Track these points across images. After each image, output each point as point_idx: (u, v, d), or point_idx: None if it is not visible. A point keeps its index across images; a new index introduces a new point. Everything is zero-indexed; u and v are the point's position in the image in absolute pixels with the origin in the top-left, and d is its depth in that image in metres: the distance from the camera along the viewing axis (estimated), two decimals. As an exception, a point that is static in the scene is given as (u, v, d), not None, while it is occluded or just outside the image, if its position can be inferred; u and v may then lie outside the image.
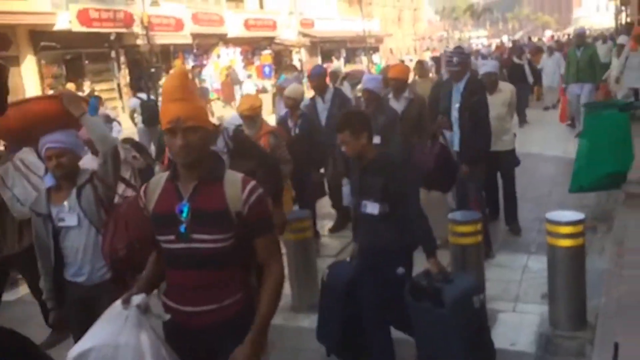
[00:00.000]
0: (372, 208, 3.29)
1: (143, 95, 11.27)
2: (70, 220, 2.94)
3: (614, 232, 5.20)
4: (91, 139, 3.05)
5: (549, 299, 3.94)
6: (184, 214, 2.10)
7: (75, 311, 3.03)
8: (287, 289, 4.77)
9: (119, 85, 21.34)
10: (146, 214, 2.23)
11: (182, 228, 2.09)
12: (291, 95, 5.65)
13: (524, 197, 6.07)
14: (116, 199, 3.15)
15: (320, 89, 6.14)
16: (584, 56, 9.72)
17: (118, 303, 2.12)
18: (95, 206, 2.97)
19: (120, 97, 21.26)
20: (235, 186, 2.11)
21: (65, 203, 2.96)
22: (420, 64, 9.01)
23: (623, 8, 33.18)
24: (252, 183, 2.14)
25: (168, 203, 2.15)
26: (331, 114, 5.89)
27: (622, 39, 11.07)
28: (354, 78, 9.60)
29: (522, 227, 5.82)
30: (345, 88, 8.58)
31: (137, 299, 2.11)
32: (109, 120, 10.11)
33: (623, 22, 31.92)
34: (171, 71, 24.94)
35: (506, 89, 5.91)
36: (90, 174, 3.03)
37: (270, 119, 5.57)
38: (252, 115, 4.87)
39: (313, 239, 4.83)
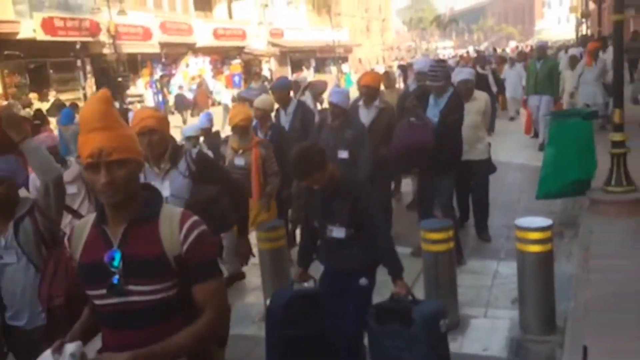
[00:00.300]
0: (338, 232, 3.24)
1: None
2: (8, 257, 2.68)
3: (580, 237, 5.34)
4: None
5: (519, 304, 4.01)
6: (115, 263, 1.78)
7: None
8: (260, 298, 4.75)
9: (85, 94, 20.97)
10: (74, 265, 1.92)
11: (114, 280, 1.78)
12: (260, 106, 5.54)
13: (492, 204, 6.16)
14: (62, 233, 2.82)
15: (283, 101, 6.09)
16: (543, 69, 9.72)
17: (48, 353, 1.78)
18: (34, 242, 2.69)
19: (87, 106, 20.83)
20: (172, 224, 1.81)
21: (2, 238, 2.68)
22: (387, 74, 8.92)
23: (583, 20, 34.30)
24: (192, 220, 1.84)
25: (95, 251, 1.83)
26: (293, 126, 5.85)
27: (574, 51, 11.35)
28: (316, 88, 9.51)
29: (491, 234, 5.91)
30: (307, 98, 8.47)
31: (70, 347, 1.78)
32: None
33: (583, 33, 32.98)
34: (95, 94, 24.95)
35: (481, 97, 5.85)
36: (31, 205, 2.73)
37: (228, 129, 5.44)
38: (246, 126, 4.86)
39: (286, 248, 4.81)
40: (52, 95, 17.77)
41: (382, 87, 8.63)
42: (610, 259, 4.58)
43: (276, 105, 6.35)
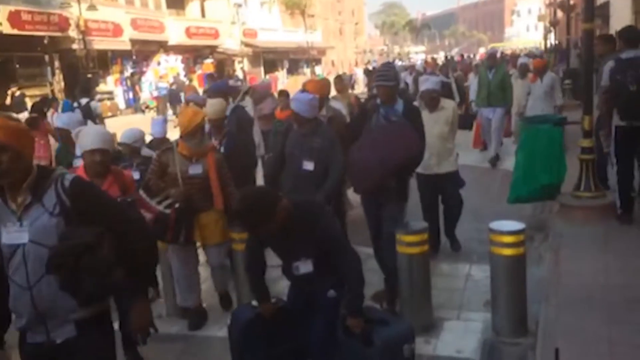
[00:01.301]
0: (305, 267, 3.10)
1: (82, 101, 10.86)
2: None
3: (550, 241, 5.43)
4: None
5: (492, 307, 4.05)
6: None
7: None
8: (234, 298, 4.70)
9: (52, 90, 20.50)
10: None
11: None
12: (213, 117, 5.16)
13: (463, 208, 6.22)
14: None
15: None
16: (495, 79, 9.29)
17: None
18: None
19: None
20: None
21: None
22: (339, 78, 8.57)
23: (552, 29, 35.13)
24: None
25: None
26: (229, 132, 5.39)
27: (524, 60, 10.97)
28: (257, 93, 9.00)
29: (463, 237, 5.96)
30: (248, 104, 7.83)
31: None
32: (85, 118, 9.78)
33: (552, 42, 33.77)
34: (108, 77, 24.13)
35: (449, 106, 5.53)
36: None
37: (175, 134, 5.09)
38: (202, 130, 4.49)
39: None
40: (11, 91, 17.26)
41: (333, 92, 8.33)
42: (580, 262, 4.67)
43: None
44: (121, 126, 8.57)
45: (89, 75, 20.08)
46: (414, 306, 4.08)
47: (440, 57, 42.63)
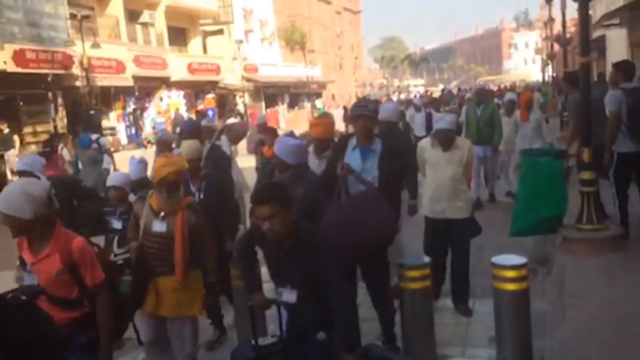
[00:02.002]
0: (289, 296, 2.98)
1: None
2: None
3: (553, 275, 5.39)
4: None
5: (497, 343, 3.99)
6: None
7: None
8: (233, 338, 4.63)
9: (55, 127, 20.66)
10: None
11: None
12: (191, 157, 4.70)
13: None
14: None
15: None
16: (484, 115, 8.76)
17: None
18: None
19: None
20: None
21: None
22: (347, 110, 8.75)
23: (549, 62, 35.59)
24: None
25: None
26: (207, 176, 5.03)
27: (511, 95, 10.14)
28: (234, 132, 8.48)
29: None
30: (224, 144, 7.66)
31: None
32: (100, 152, 9.92)
33: (550, 74, 34.18)
34: (111, 113, 24.28)
35: (463, 145, 5.09)
36: None
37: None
38: (177, 181, 3.77)
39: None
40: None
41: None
42: (584, 296, 4.63)
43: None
44: (124, 161, 8.62)
45: (92, 112, 20.24)
46: (417, 343, 4.03)
47: (439, 90, 43.06)
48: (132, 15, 26.16)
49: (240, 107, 33.39)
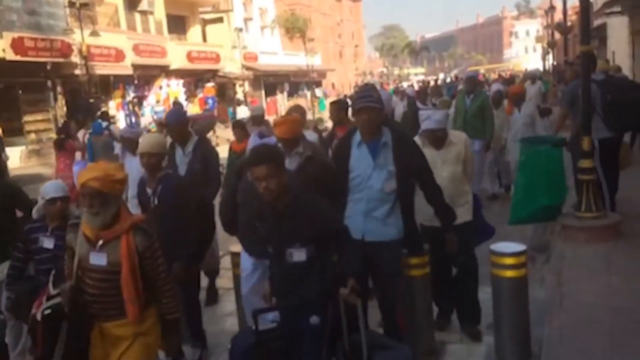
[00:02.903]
0: (299, 255, 2.94)
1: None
2: None
3: (552, 262, 5.41)
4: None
5: (495, 330, 4.02)
6: None
7: None
8: (234, 324, 4.66)
9: (55, 115, 20.63)
10: None
11: None
12: (155, 150, 4.08)
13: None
14: None
15: (181, 137, 4.86)
16: (473, 105, 8.00)
17: None
18: None
19: (57, 127, 20.54)
20: None
21: None
22: (336, 105, 6.76)
23: (549, 50, 35.44)
24: None
25: None
26: (192, 169, 4.72)
27: (497, 86, 9.49)
28: (200, 127, 7.93)
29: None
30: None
31: None
32: (112, 138, 9.89)
33: (550, 63, 34.07)
34: (110, 102, 24.19)
35: (458, 140, 4.42)
36: None
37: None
38: (110, 193, 2.91)
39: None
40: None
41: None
42: (582, 284, 4.65)
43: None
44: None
45: (91, 100, 20.20)
46: (416, 330, 4.05)
47: (441, 78, 42.90)
48: (131, 4, 25.99)
49: (240, 96, 33.29)
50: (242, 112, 24.08)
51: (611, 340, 3.69)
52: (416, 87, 19.72)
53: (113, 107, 23.77)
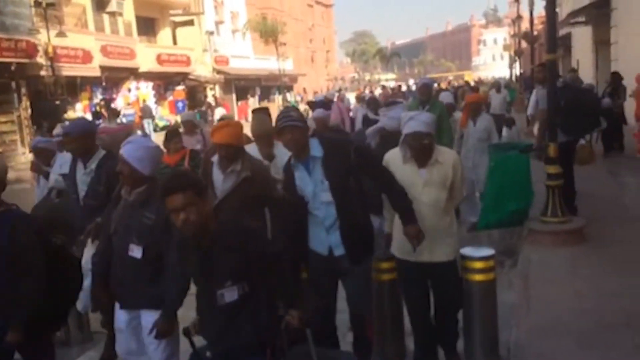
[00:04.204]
0: (230, 295, 2.55)
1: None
2: None
3: (519, 266, 5.49)
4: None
5: (464, 333, 4.04)
6: None
7: None
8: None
9: (19, 117, 20.12)
10: None
11: None
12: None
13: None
14: None
15: (82, 151, 4.09)
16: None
17: None
18: None
19: (21, 129, 20.04)
20: None
21: None
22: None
23: (516, 58, 36.16)
24: None
25: None
26: (94, 192, 4.01)
27: (446, 97, 8.47)
28: (100, 140, 6.82)
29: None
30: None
31: None
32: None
33: (517, 72, 34.78)
34: (77, 104, 23.75)
35: (447, 159, 3.55)
36: None
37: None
38: None
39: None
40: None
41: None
42: (549, 287, 4.72)
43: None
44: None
45: (57, 102, 19.77)
46: (386, 335, 4.05)
47: (410, 84, 43.29)
48: (100, 4, 25.59)
49: (211, 100, 33.05)
50: (219, 114, 24.13)
51: (578, 342, 3.76)
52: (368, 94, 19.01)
53: (80, 109, 23.31)
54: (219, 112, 25.21)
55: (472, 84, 28.60)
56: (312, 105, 10.53)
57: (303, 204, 3.31)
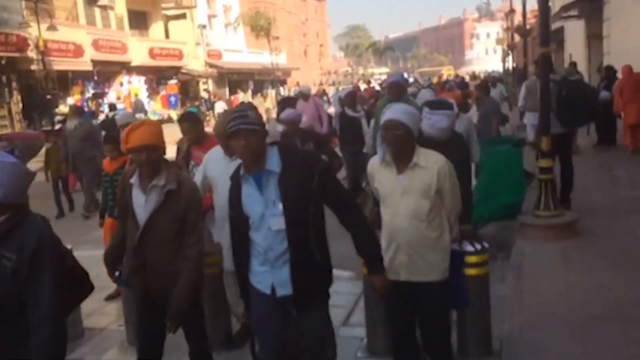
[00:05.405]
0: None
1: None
2: None
3: (512, 260, 5.51)
4: None
5: (457, 326, 4.06)
6: None
7: None
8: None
9: (10, 111, 19.97)
10: None
11: None
12: None
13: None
14: None
15: None
16: None
17: None
18: None
19: (12, 124, 19.90)
20: None
21: None
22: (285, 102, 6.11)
23: (509, 52, 36.22)
24: None
25: None
26: None
27: (426, 95, 6.91)
28: (18, 145, 6.09)
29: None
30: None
31: None
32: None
33: (510, 65, 34.85)
34: (69, 98, 23.58)
35: (431, 163, 3.03)
36: None
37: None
38: None
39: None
40: None
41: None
42: (541, 280, 4.75)
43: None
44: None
45: (48, 97, 19.63)
46: (379, 327, 4.06)
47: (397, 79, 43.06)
48: (91, -3, 25.40)
49: (204, 94, 32.92)
50: (220, 108, 24.53)
51: (570, 334, 3.78)
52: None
53: (71, 103, 23.18)
54: (219, 106, 25.24)
55: (467, 78, 28.63)
56: (282, 103, 8.69)
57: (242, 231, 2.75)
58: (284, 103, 8.61)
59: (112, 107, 17.36)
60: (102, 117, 23.89)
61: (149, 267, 3.04)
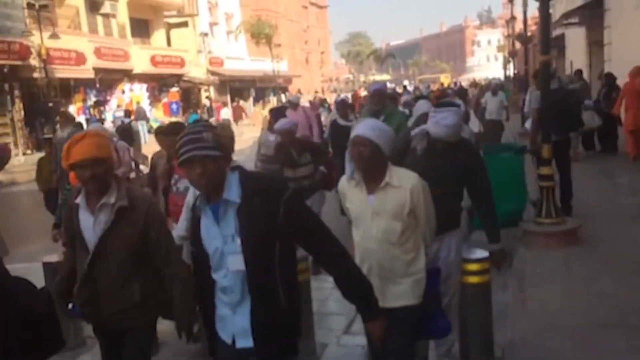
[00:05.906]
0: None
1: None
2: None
3: (514, 268, 5.50)
4: None
5: (459, 334, 4.05)
6: None
7: None
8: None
9: (12, 119, 20.04)
10: None
11: None
12: None
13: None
14: None
15: None
16: None
17: None
18: None
19: (14, 132, 19.96)
20: None
21: None
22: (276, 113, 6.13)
23: (510, 59, 36.33)
24: None
25: None
26: None
27: (422, 106, 5.63)
28: None
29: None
30: None
31: None
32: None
33: (511, 72, 34.89)
34: (71, 106, 23.63)
35: (403, 182, 2.85)
36: None
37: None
38: None
39: None
40: None
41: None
42: (544, 288, 4.74)
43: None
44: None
45: (50, 104, 19.69)
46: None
47: (407, 86, 43.30)
48: (93, 6, 25.52)
49: (205, 101, 33.00)
50: (225, 114, 25.08)
51: (573, 342, 3.77)
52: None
53: (73, 111, 23.25)
54: (224, 113, 25.28)
55: (467, 85, 28.50)
56: (273, 113, 8.30)
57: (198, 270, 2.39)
58: (277, 113, 7.99)
59: (127, 113, 17.38)
60: (106, 124, 24.13)
61: (103, 295, 2.68)
